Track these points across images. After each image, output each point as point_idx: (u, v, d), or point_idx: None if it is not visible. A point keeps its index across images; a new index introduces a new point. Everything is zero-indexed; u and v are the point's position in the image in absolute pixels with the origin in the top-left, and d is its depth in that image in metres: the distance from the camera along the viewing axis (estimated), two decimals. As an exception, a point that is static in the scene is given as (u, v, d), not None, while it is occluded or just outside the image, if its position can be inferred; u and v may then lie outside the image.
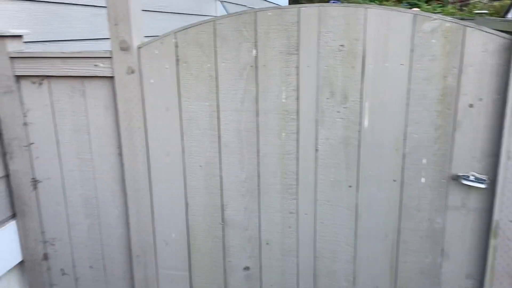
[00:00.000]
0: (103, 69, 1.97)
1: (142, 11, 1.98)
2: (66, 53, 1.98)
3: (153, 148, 2.06)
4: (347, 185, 1.92)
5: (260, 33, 1.83)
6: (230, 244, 2.11)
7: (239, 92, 1.92)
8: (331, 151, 1.89)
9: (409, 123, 1.78)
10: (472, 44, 1.65)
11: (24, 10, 2.29)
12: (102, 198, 2.18)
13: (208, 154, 2.02)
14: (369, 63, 1.76)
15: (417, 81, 1.73)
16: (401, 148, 1.82)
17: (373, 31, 1.72)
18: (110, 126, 2.07)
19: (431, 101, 1.74)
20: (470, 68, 1.67)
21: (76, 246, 2.29)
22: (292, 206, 2.00)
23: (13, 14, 2.22)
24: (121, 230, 2.20)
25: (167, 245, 2.17)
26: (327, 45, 1.78)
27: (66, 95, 2.07)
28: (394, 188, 1.87)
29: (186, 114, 1.99)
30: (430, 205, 1.84)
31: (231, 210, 2.07)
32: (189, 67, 1.93)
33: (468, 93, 1.70)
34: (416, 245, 1.90)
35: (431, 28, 1.67)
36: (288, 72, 1.85)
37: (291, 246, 2.04)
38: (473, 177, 1.74)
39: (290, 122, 1.90)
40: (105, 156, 2.12)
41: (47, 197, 2.23)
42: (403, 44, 1.71)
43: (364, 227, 1.94)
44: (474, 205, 1.80)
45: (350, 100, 1.82)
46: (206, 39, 1.89)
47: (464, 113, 1.72)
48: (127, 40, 1.90)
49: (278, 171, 1.97)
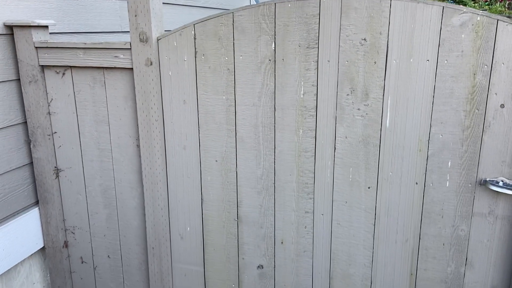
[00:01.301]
0: (123, 60, 1.98)
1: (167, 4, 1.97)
2: (87, 43, 2.00)
3: (170, 141, 2.05)
4: (366, 186, 1.83)
5: (279, 25, 1.77)
6: (244, 241, 2.07)
7: (256, 87, 1.87)
8: (350, 150, 1.82)
9: (434, 123, 1.68)
10: (505, 40, 1.53)
11: (52, 2, 2.34)
12: (120, 189, 2.20)
13: (224, 149, 1.99)
14: (393, 59, 1.67)
15: (444, 78, 1.63)
16: (425, 149, 1.72)
17: (398, 24, 1.63)
18: (129, 118, 2.08)
19: (458, 100, 1.63)
20: (502, 65, 1.55)
21: (95, 235, 2.32)
22: (308, 205, 1.94)
23: (41, 5, 2.27)
24: (138, 221, 2.22)
25: (182, 239, 2.16)
26: (348, 39, 1.70)
27: (87, 85, 2.09)
28: (416, 191, 1.77)
29: (203, 108, 1.97)
30: (454, 211, 1.73)
31: (246, 207, 2.03)
32: (207, 60, 1.91)
33: (499, 92, 1.57)
34: (438, 252, 1.79)
35: (461, 21, 1.56)
36: (307, 66, 1.79)
37: (306, 246, 1.98)
38: (502, 183, 1.62)
39: (308, 118, 1.84)
40: (124, 147, 2.13)
41: (68, 185, 2.28)
42: (430, 38, 1.61)
43: (383, 230, 1.85)
44: (503, 212, 1.67)
45: (371, 97, 1.73)
46: (224, 31, 1.85)
47: (495, 114, 1.60)
48: (146, 31, 1.90)
49: (294, 169, 1.91)
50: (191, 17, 4.09)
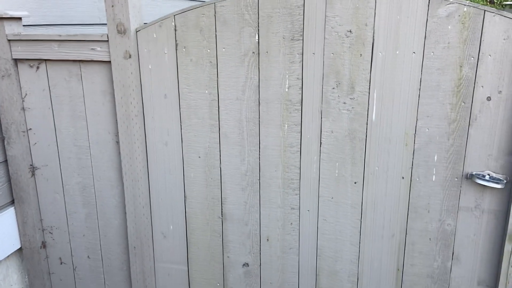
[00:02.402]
0: (100, 53, 1.90)
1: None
2: (62, 36, 1.91)
3: (150, 137, 1.98)
4: (352, 181, 1.80)
5: (263, 16, 1.72)
6: (229, 239, 2.02)
7: (240, 80, 1.82)
8: (336, 145, 1.78)
9: (420, 116, 1.65)
10: (492, 31, 1.51)
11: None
12: (99, 186, 2.12)
13: (207, 145, 1.93)
14: (379, 51, 1.63)
15: (430, 70, 1.60)
16: (411, 143, 1.69)
17: (384, 15, 1.59)
18: (107, 113, 2.00)
19: (444, 93, 1.60)
20: (489, 57, 1.53)
21: (74, 235, 2.24)
22: (294, 201, 1.89)
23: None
24: (119, 220, 2.15)
25: (165, 237, 2.10)
26: (333, 31, 1.66)
27: (63, 79, 2.01)
28: (402, 186, 1.74)
29: (185, 102, 1.90)
30: (441, 205, 1.72)
31: (230, 204, 1.98)
32: (188, 52, 1.84)
33: (486, 85, 1.55)
34: (425, 247, 1.77)
35: (447, 12, 1.53)
36: (292, 59, 1.74)
37: (292, 243, 1.94)
38: (488, 176, 1.60)
39: (293, 113, 1.80)
40: (102, 143, 2.05)
41: (45, 184, 2.19)
42: (416, 30, 1.57)
43: (370, 226, 1.83)
44: (489, 206, 1.66)
45: (357, 90, 1.70)
46: (206, 22, 1.79)
47: (481, 107, 1.58)
48: (124, 22, 1.82)
49: (279, 164, 1.87)
50: (174, 9, 4.00)
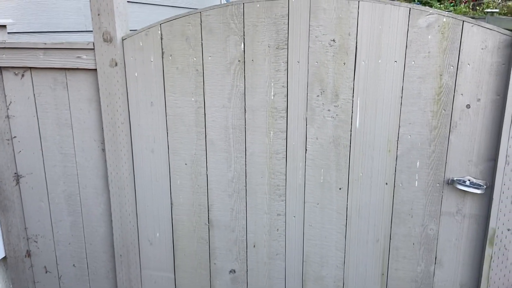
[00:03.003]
0: (86, 61, 1.90)
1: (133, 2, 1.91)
2: (47, 43, 1.91)
3: (137, 144, 1.98)
4: (337, 187, 1.83)
5: (248, 25, 1.74)
6: (215, 246, 2.03)
7: (226, 88, 1.84)
8: (321, 151, 1.80)
9: (403, 123, 1.69)
10: (470, 41, 1.55)
11: (11, 0, 2.23)
12: (85, 194, 2.11)
13: (194, 152, 1.94)
14: (362, 60, 1.67)
15: (411, 79, 1.64)
16: (394, 150, 1.72)
17: (366, 25, 1.63)
18: (93, 121, 2.00)
19: (426, 101, 1.64)
20: (468, 66, 1.57)
21: (59, 244, 2.22)
22: (280, 207, 1.91)
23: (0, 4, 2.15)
24: (105, 228, 2.14)
25: (151, 245, 2.09)
26: (317, 40, 1.69)
27: (49, 87, 2.00)
28: (386, 192, 1.78)
29: (171, 110, 1.91)
30: (423, 210, 1.75)
31: (217, 211, 1.99)
32: (174, 61, 1.85)
33: (465, 93, 1.60)
34: (408, 251, 1.80)
35: (427, 23, 1.57)
36: (277, 67, 1.76)
37: (279, 249, 1.96)
38: (469, 182, 1.64)
39: (278, 120, 1.82)
40: (88, 151, 2.05)
41: (29, 192, 2.17)
42: (398, 39, 1.61)
43: (354, 231, 1.85)
44: (470, 211, 1.70)
45: (341, 98, 1.73)
46: (192, 31, 1.81)
47: (461, 114, 1.62)
48: (110, 31, 1.83)
49: (266, 171, 1.89)
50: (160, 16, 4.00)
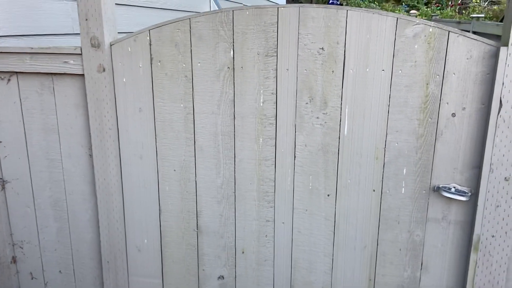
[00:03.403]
0: (73, 66, 1.88)
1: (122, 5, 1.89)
2: (34, 48, 1.89)
3: (125, 150, 1.97)
4: (325, 193, 1.84)
5: (238, 33, 1.75)
6: (204, 252, 2.03)
7: (215, 94, 1.84)
8: (310, 158, 1.82)
9: (390, 131, 1.71)
10: (455, 51, 1.58)
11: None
12: (71, 201, 2.09)
13: (182, 158, 1.94)
14: (350, 68, 1.68)
15: (398, 87, 1.66)
16: (381, 157, 1.75)
17: (354, 34, 1.65)
18: (80, 126, 1.98)
19: (412, 109, 1.66)
20: (453, 75, 1.60)
21: (45, 250, 2.20)
22: (269, 214, 1.92)
23: (-16, 6, 2.12)
24: (92, 234, 2.12)
25: (139, 251, 2.08)
26: (306, 48, 1.70)
27: (35, 92, 1.97)
28: (373, 198, 1.79)
29: (160, 116, 1.91)
30: (410, 217, 1.77)
31: (206, 217, 1.99)
32: (163, 67, 1.85)
33: (450, 102, 1.63)
34: (395, 257, 1.82)
35: (414, 33, 1.60)
36: (267, 75, 1.77)
37: (267, 255, 1.96)
38: (454, 189, 1.67)
39: (268, 127, 1.82)
40: (75, 157, 2.03)
41: (15, 198, 2.14)
42: (385, 49, 1.64)
43: (342, 237, 1.87)
44: (455, 218, 1.73)
45: (330, 105, 1.74)
46: (181, 37, 1.80)
47: (446, 122, 1.65)
48: (98, 36, 1.82)
49: (255, 177, 1.89)
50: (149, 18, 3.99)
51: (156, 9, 4.20)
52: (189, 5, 5.00)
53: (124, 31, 3.47)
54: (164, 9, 4.36)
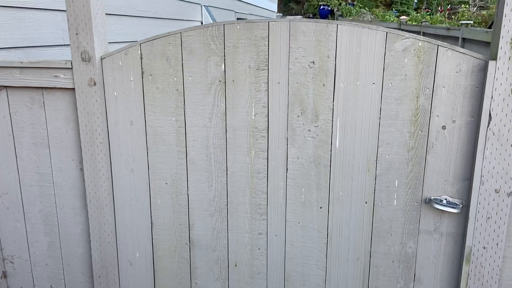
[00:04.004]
0: (64, 80, 1.87)
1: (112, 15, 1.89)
2: (24, 62, 1.87)
3: (116, 163, 1.96)
4: (318, 206, 1.84)
5: (229, 47, 1.75)
6: (197, 265, 2.01)
7: (207, 108, 1.83)
8: (302, 171, 1.82)
9: (381, 143, 1.72)
10: (445, 64, 1.60)
11: (-16, 15, 2.18)
12: (62, 215, 2.07)
13: (174, 171, 1.93)
14: (341, 81, 1.69)
15: (389, 100, 1.67)
16: (373, 169, 1.75)
17: (345, 48, 1.66)
18: (71, 140, 1.96)
19: (403, 122, 1.68)
20: (443, 89, 1.62)
21: (36, 265, 2.17)
22: (261, 226, 1.91)
23: (-28, 19, 2.10)
24: (83, 249, 2.09)
25: (131, 265, 2.06)
26: (297, 61, 1.71)
27: (25, 106, 1.96)
28: (365, 210, 1.80)
29: (152, 129, 1.90)
30: (402, 229, 1.78)
31: (198, 230, 1.98)
32: (154, 80, 1.84)
33: (440, 115, 1.64)
34: (388, 269, 1.83)
35: (404, 47, 1.61)
36: (258, 88, 1.77)
37: (260, 268, 1.96)
38: (445, 201, 1.68)
39: (259, 139, 1.82)
40: (66, 171, 2.01)
41: (5, 212, 2.11)
42: (375, 62, 1.65)
43: (335, 249, 1.87)
44: (447, 229, 1.74)
45: (321, 118, 1.75)
46: (172, 51, 1.80)
47: (437, 135, 1.66)
48: (89, 50, 1.81)
49: (247, 190, 1.89)
50: (140, 28, 3.98)
51: (148, 18, 4.20)
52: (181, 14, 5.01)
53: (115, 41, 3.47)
54: (155, 18, 4.37)
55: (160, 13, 4.44)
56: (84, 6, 1.75)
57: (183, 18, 5.10)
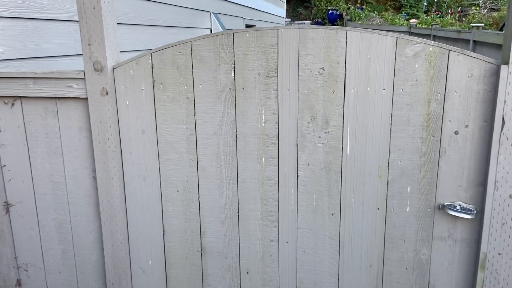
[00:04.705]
0: (77, 90, 1.90)
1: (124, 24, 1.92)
2: (38, 73, 1.90)
3: (128, 172, 1.98)
4: (329, 212, 1.83)
5: (238, 55, 1.76)
6: (208, 273, 2.02)
7: (217, 115, 1.84)
8: (313, 177, 1.81)
9: (393, 149, 1.71)
10: (456, 69, 1.58)
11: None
12: (76, 223, 2.09)
13: (185, 179, 1.94)
14: (351, 87, 1.69)
15: (400, 106, 1.66)
16: (385, 175, 1.74)
17: (355, 54, 1.66)
18: (84, 149, 1.99)
19: (415, 127, 1.66)
20: (455, 93, 1.60)
21: (50, 272, 2.19)
22: (273, 233, 1.91)
23: (-12, 31, 2.15)
24: (96, 256, 2.11)
25: (144, 272, 2.07)
26: (307, 68, 1.71)
27: (39, 116, 1.99)
28: (378, 217, 1.78)
29: (163, 137, 1.91)
30: (415, 235, 1.76)
31: (209, 237, 1.98)
32: (165, 89, 1.86)
33: (453, 120, 1.62)
34: (402, 276, 1.81)
35: (414, 52, 1.60)
36: (268, 95, 1.78)
37: (272, 275, 1.95)
38: (459, 207, 1.66)
39: (270, 146, 1.83)
40: (79, 179, 2.03)
41: (20, 221, 2.15)
42: (386, 68, 1.64)
43: (348, 256, 1.85)
44: (461, 236, 1.71)
45: (332, 125, 1.74)
46: (183, 60, 1.82)
47: (449, 140, 1.64)
48: (101, 61, 1.83)
49: (258, 197, 1.89)
50: (150, 36, 4.03)
51: (158, 27, 4.24)
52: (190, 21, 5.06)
53: (126, 49, 3.51)
54: (165, 26, 4.41)
55: (170, 21, 4.49)
56: (96, 17, 1.78)
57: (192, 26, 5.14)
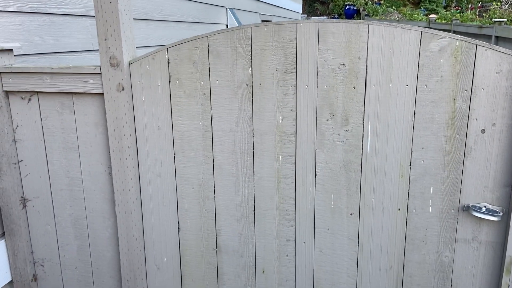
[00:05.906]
0: (93, 85, 1.88)
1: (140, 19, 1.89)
2: (54, 68, 1.90)
3: (144, 168, 1.96)
4: (348, 212, 1.78)
5: (256, 50, 1.72)
6: (224, 271, 1.99)
7: (234, 112, 1.81)
8: (331, 176, 1.76)
9: (415, 148, 1.65)
10: (484, 65, 1.51)
11: (16, 22, 2.23)
12: (91, 218, 2.09)
13: (201, 176, 1.91)
14: (372, 84, 1.63)
15: (424, 103, 1.60)
16: (407, 175, 1.68)
17: (377, 49, 1.60)
18: (100, 145, 1.98)
19: (439, 125, 1.60)
20: (482, 90, 1.53)
21: (66, 268, 2.20)
22: (289, 233, 1.87)
23: (5, 26, 2.15)
24: (112, 252, 2.11)
25: (159, 269, 2.06)
26: (326, 64, 1.66)
27: (56, 111, 1.99)
28: (399, 218, 1.73)
29: (178, 134, 1.89)
30: (438, 237, 1.70)
31: (225, 236, 1.95)
32: (181, 85, 1.83)
33: (479, 118, 1.55)
34: (423, 279, 1.75)
35: (439, 47, 1.54)
36: (286, 91, 1.73)
37: (288, 275, 1.91)
38: (485, 209, 1.59)
39: (287, 144, 1.78)
40: (95, 175, 2.03)
41: (36, 216, 2.15)
42: (409, 63, 1.58)
43: (367, 257, 1.80)
44: (486, 238, 1.65)
45: (352, 122, 1.69)
46: (199, 55, 1.79)
47: (475, 139, 1.57)
48: (117, 56, 1.81)
49: (274, 196, 1.85)
50: (166, 31, 4.01)
51: (174, 22, 4.22)
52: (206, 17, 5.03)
53: (142, 45, 3.50)
54: (181, 21, 4.39)
55: (186, 16, 4.47)
56: (112, 12, 1.76)
57: (208, 21, 5.11)
